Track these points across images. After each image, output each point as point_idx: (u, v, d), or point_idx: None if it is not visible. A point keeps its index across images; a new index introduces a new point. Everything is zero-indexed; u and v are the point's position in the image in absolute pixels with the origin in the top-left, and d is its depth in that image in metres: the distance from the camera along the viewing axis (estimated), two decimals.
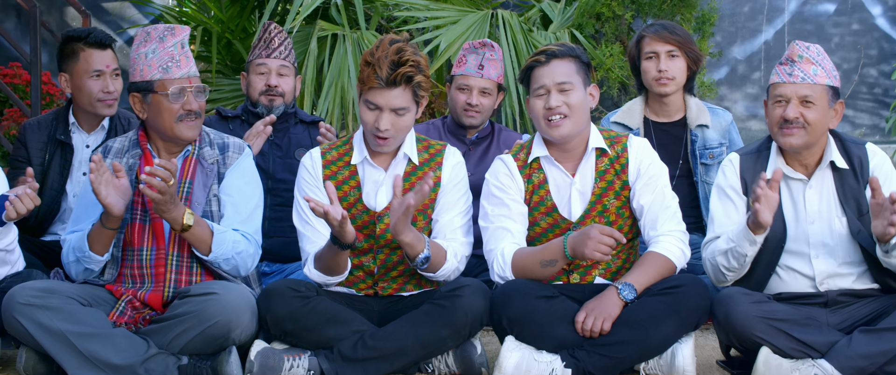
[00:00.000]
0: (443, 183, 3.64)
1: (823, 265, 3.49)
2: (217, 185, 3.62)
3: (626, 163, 3.63)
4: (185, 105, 3.52)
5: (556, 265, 3.46)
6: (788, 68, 3.48)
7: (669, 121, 4.53)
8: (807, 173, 3.55)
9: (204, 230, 3.46)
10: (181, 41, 3.56)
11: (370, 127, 3.50)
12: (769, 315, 3.34)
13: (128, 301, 3.48)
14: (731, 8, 8.16)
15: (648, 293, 3.42)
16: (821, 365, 3.28)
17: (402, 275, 3.64)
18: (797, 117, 3.43)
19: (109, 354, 3.29)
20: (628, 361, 3.37)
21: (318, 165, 3.65)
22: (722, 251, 3.47)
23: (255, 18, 7.04)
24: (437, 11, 6.63)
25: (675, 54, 4.40)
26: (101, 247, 3.50)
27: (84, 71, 4.32)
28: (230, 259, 3.51)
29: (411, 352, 3.39)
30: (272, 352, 3.38)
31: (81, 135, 4.41)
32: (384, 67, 3.42)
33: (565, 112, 3.53)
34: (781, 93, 3.47)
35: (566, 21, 6.72)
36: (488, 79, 4.52)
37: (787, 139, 3.47)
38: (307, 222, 3.59)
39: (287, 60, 4.51)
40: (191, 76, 3.56)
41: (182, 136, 3.55)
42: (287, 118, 4.55)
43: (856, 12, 8.26)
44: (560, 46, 3.62)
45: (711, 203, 3.67)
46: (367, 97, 3.49)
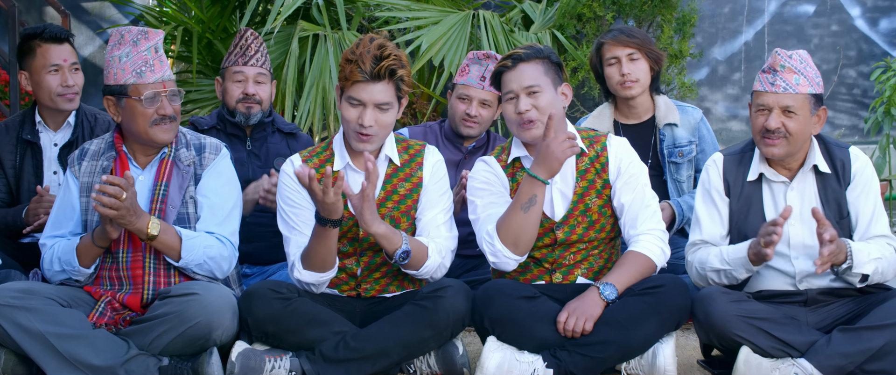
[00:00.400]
0: (424, 183, 3.63)
1: (803, 266, 3.52)
2: (194, 187, 3.60)
3: (607, 162, 3.64)
4: (159, 110, 3.50)
5: (537, 199, 3.44)
6: (771, 78, 3.49)
7: (639, 122, 4.55)
8: (790, 175, 3.57)
9: (171, 237, 3.44)
10: (155, 45, 3.53)
11: (353, 124, 3.49)
12: (749, 314, 3.36)
13: (107, 302, 3.46)
14: (712, 9, 8.20)
15: (629, 293, 3.43)
16: (800, 364, 3.30)
17: (385, 277, 3.63)
18: (779, 127, 3.45)
19: (89, 355, 3.27)
20: (610, 361, 3.38)
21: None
22: (714, 269, 3.50)
23: (235, 18, 7.02)
24: (419, 12, 6.63)
25: (635, 57, 4.42)
26: (89, 261, 3.49)
27: (41, 66, 4.29)
28: (203, 264, 3.50)
29: (393, 353, 3.39)
30: (253, 353, 3.37)
31: (48, 133, 4.37)
32: (368, 62, 3.42)
33: (534, 116, 3.53)
34: (763, 102, 3.49)
35: (547, 22, 6.73)
36: (490, 91, 4.50)
37: (769, 149, 3.49)
38: (293, 227, 3.58)
39: (264, 67, 4.47)
40: (165, 80, 3.52)
41: (157, 140, 3.54)
42: (264, 127, 4.52)
43: (835, 13, 8.31)
44: (526, 49, 3.62)
45: (696, 204, 3.68)
46: (350, 93, 3.47)
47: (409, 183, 3.62)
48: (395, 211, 3.59)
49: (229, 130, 4.45)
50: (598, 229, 3.64)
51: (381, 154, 3.61)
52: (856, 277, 3.40)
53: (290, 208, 3.58)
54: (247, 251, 4.22)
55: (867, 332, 3.29)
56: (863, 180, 3.52)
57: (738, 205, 3.59)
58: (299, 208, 3.56)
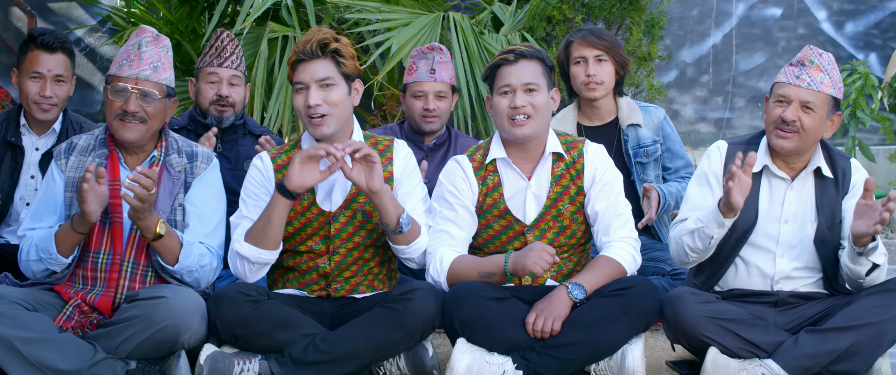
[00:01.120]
0: (396, 177, 3.65)
1: (784, 265, 3.54)
2: (183, 194, 3.59)
3: (582, 168, 3.66)
4: (123, 105, 3.49)
5: (494, 278, 3.48)
6: (797, 71, 3.51)
7: (602, 123, 4.56)
8: (792, 174, 3.59)
9: (173, 241, 3.45)
10: (139, 41, 3.55)
11: (303, 109, 3.51)
12: (717, 315, 3.38)
13: (76, 305, 3.43)
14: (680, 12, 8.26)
15: (599, 295, 3.44)
16: (768, 365, 3.32)
17: (355, 276, 3.63)
18: (795, 121, 3.46)
19: (56, 359, 3.23)
20: (579, 362, 3.39)
21: (270, 167, 3.63)
22: (689, 231, 3.50)
23: (204, 20, 6.98)
24: (389, 14, 6.62)
25: (602, 59, 4.44)
26: (67, 249, 3.46)
27: (26, 70, 4.26)
28: (193, 272, 3.51)
29: (363, 355, 3.38)
30: (222, 356, 3.35)
31: (31, 137, 4.33)
32: (301, 44, 3.52)
33: (530, 113, 3.55)
34: (785, 93, 3.50)
35: (517, 24, 6.75)
36: (442, 82, 4.52)
37: (780, 141, 3.50)
38: (245, 216, 3.59)
39: (238, 70, 4.45)
40: (139, 78, 3.51)
41: (119, 135, 3.52)
42: (236, 130, 4.50)
43: (801, 17, 8.39)
44: (528, 47, 3.64)
45: (689, 186, 3.70)
46: (295, 79, 3.53)
47: None
48: (367, 205, 3.59)
49: (200, 132, 4.43)
50: (569, 235, 3.66)
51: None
52: (867, 265, 3.40)
53: (250, 200, 3.61)
54: None
55: (834, 333, 3.32)
56: (861, 192, 3.55)
57: None
58: (258, 201, 3.59)
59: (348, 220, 3.58)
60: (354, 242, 3.60)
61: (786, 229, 3.55)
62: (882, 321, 3.31)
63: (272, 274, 3.72)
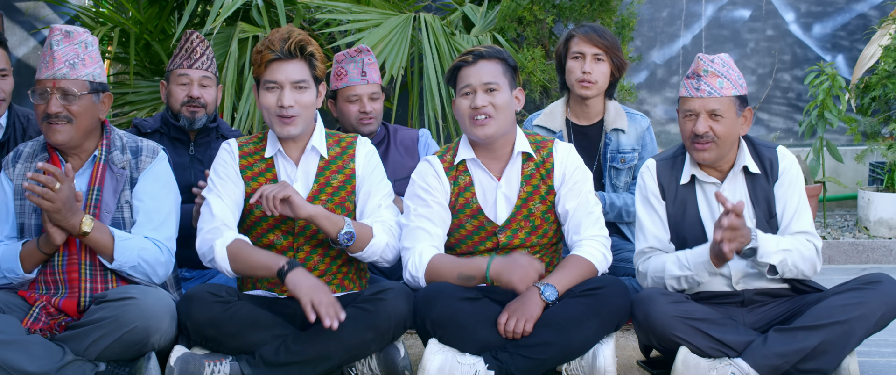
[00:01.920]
0: (358, 173, 3.65)
1: (738, 265, 3.57)
2: (129, 190, 3.55)
3: (552, 168, 3.67)
4: (46, 108, 3.43)
5: (473, 281, 3.48)
6: (695, 83, 3.55)
7: (589, 123, 4.57)
8: (720, 177, 3.63)
9: (104, 236, 3.40)
10: (50, 42, 3.47)
11: (273, 109, 3.51)
12: (687, 315, 3.40)
13: (42, 307, 3.40)
14: (650, 13, 8.30)
15: (570, 295, 3.45)
16: (737, 364, 3.35)
17: (323, 275, 3.62)
18: (707, 132, 3.50)
19: (23, 362, 3.19)
20: (551, 362, 3.40)
21: (236, 154, 3.63)
22: (674, 276, 3.53)
23: (174, 20, 6.94)
24: (360, 14, 6.62)
25: (600, 58, 4.44)
26: (31, 266, 3.44)
27: None
28: (137, 266, 3.46)
29: (334, 356, 3.37)
30: (192, 358, 3.33)
31: None
32: (277, 43, 3.50)
33: (490, 113, 3.56)
34: (690, 107, 3.54)
35: (488, 25, 6.76)
36: (374, 83, 4.51)
37: (699, 154, 3.55)
38: (217, 194, 3.58)
39: (209, 71, 4.42)
40: (56, 78, 3.44)
41: (48, 138, 3.47)
42: (209, 132, 4.47)
43: (770, 18, 8.46)
44: (487, 48, 3.65)
45: (637, 211, 3.72)
46: (266, 77, 3.52)
47: (341, 175, 3.63)
48: (329, 203, 3.59)
49: (173, 134, 4.39)
50: (541, 235, 3.67)
51: (308, 146, 3.61)
52: (764, 267, 3.46)
53: (219, 179, 3.60)
54: (185, 255, 4.16)
55: (802, 332, 3.35)
56: (788, 177, 3.59)
57: (674, 208, 3.64)
58: (226, 180, 3.59)
59: None
60: (319, 239, 3.59)
61: None
62: (849, 319, 3.34)
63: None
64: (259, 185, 3.60)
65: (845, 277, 3.69)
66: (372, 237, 3.53)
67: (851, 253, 6.64)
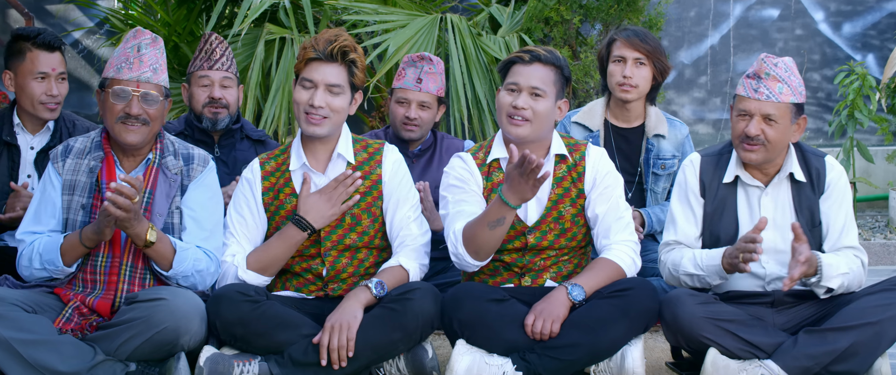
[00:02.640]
0: (385, 180, 3.65)
1: (774, 269, 3.54)
2: (180, 197, 3.58)
3: (583, 171, 3.66)
4: (126, 108, 3.47)
5: (505, 221, 3.43)
6: (754, 84, 3.50)
7: (629, 126, 4.54)
8: (765, 180, 3.59)
9: (166, 247, 3.44)
10: (139, 44, 3.53)
11: (303, 105, 3.53)
12: (716, 316, 3.38)
13: (75, 307, 3.43)
14: (678, 13, 8.26)
15: (598, 296, 3.44)
16: (767, 366, 3.32)
17: (352, 276, 3.64)
18: (758, 134, 3.46)
19: (55, 361, 3.23)
20: (579, 363, 3.39)
21: (259, 177, 3.66)
22: (687, 273, 3.52)
23: (202, 22, 6.97)
24: (386, 15, 6.62)
25: (642, 63, 4.40)
26: (72, 260, 3.46)
27: (28, 71, 4.23)
28: (189, 277, 3.50)
29: (362, 356, 3.37)
30: (222, 358, 3.35)
31: (25, 136, 4.32)
32: (322, 43, 3.52)
33: (528, 117, 3.55)
34: (745, 108, 3.50)
35: (515, 25, 6.74)
36: (427, 93, 4.49)
37: (747, 155, 3.51)
38: (233, 235, 3.63)
39: (230, 71, 4.44)
40: (140, 80, 3.50)
41: (121, 138, 3.50)
42: (233, 134, 4.49)
43: (799, 18, 8.40)
44: (548, 52, 3.62)
45: (672, 202, 3.70)
46: (304, 75, 3.54)
47: (368, 180, 3.64)
48: (355, 208, 3.60)
49: (197, 136, 4.42)
50: (570, 238, 3.65)
51: (334, 153, 3.61)
52: (821, 289, 3.43)
53: (238, 217, 3.65)
54: None
55: (833, 333, 3.32)
56: (837, 191, 3.55)
57: (713, 206, 3.60)
58: (245, 221, 3.64)
59: (337, 223, 3.59)
60: (345, 244, 3.60)
61: (767, 235, 3.54)
62: (881, 320, 3.32)
63: None
64: (280, 202, 3.63)
65: (877, 278, 3.65)
66: (408, 277, 3.56)
67: (882, 254, 6.58)
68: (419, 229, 3.65)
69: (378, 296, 3.44)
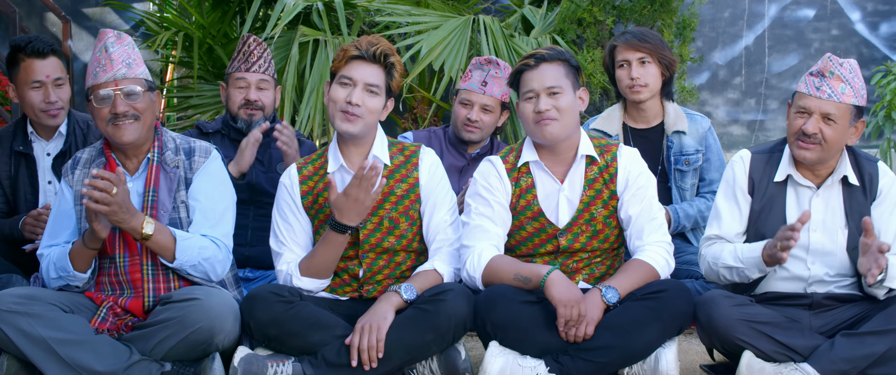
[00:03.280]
0: (422, 183, 3.66)
1: (819, 270, 3.51)
2: (184, 191, 3.60)
3: (615, 172, 3.64)
4: (111, 108, 3.48)
5: (529, 284, 3.45)
6: (817, 82, 3.47)
7: (648, 127, 4.54)
8: (817, 182, 3.56)
9: (166, 238, 3.44)
10: (105, 45, 3.52)
11: (340, 103, 3.54)
12: (752, 318, 3.35)
13: (109, 308, 3.46)
14: (712, 13, 8.21)
15: (632, 298, 3.42)
16: (803, 369, 3.29)
17: (387, 278, 3.65)
18: (816, 133, 3.43)
19: (92, 361, 3.26)
20: (612, 366, 3.37)
21: (296, 182, 3.67)
22: (726, 266, 3.50)
23: (236, 24, 7.02)
24: (419, 17, 6.63)
25: (646, 61, 4.42)
26: (83, 265, 3.48)
27: (24, 81, 4.24)
28: (197, 265, 3.50)
29: (395, 357, 3.38)
30: (256, 358, 3.37)
31: (41, 143, 4.35)
32: (364, 44, 3.55)
33: (554, 116, 3.55)
34: (805, 105, 3.47)
35: (548, 26, 6.73)
36: (491, 96, 4.52)
37: (801, 152, 3.48)
38: (284, 243, 3.64)
39: (267, 73, 4.48)
40: (117, 79, 3.49)
41: (117, 138, 3.51)
42: (267, 133, 4.52)
43: (835, 18, 8.32)
44: (549, 50, 3.64)
45: (717, 198, 3.68)
46: (343, 73, 3.56)
47: (405, 184, 3.65)
48: (393, 212, 3.61)
49: (233, 136, 4.46)
50: (602, 240, 3.64)
51: (370, 155, 3.63)
52: (883, 290, 3.39)
53: (283, 223, 3.66)
54: (249, 255, 4.22)
55: (870, 337, 3.28)
56: (890, 197, 3.51)
57: (761, 204, 3.57)
58: (291, 227, 3.65)
59: (375, 227, 3.60)
60: (383, 247, 3.61)
61: (815, 237, 3.52)
62: None
63: None
64: (320, 205, 3.64)
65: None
66: (441, 280, 3.56)
67: None
68: (455, 232, 3.66)
69: (408, 300, 3.44)
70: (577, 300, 3.31)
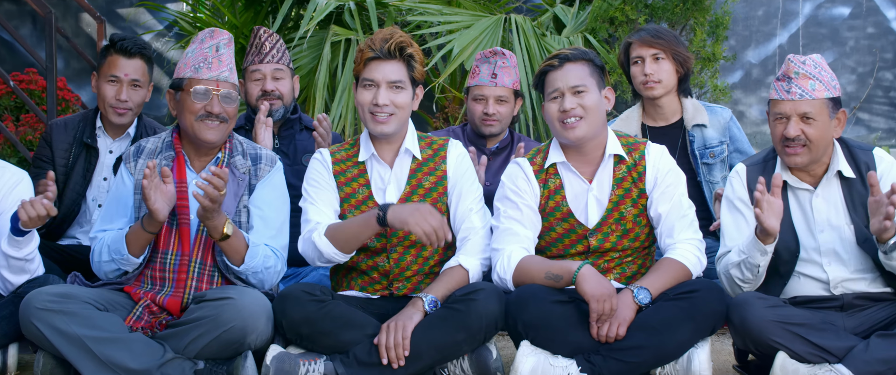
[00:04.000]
0: (449, 175, 3.68)
1: (836, 272, 3.48)
2: (247, 196, 3.64)
3: (644, 171, 3.63)
4: (207, 107, 3.54)
5: (560, 281, 3.45)
6: (786, 85, 3.47)
7: (667, 124, 4.53)
8: (813, 182, 3.54)
9: (240, 242, 3.50)
10: (217, 44, 3.60)
11: (368, 106, 3.57)
12: (785, 320, 3.32)
13: (145, 306, 3.49)
14: (745, 12, 8.15)
15: (664, 298, 3.41)
16: (838, 370, 3.26)
17: (416, 274, 3.66)
18: (798, 135, 3.42)
19: (126, 359, 3.30)
20: (644, 366, 3.36)
21: (329, 162, 3.68)
22: (734, 263, 3.47)
23: (269, 23, 7.05)
24: (450, 16, 6.64)
25: (660, 57, 4.42)
26: (138, 249, 3.52)
27: (104, 74, 4.38)
28: (259, 273, 3.55)
29: (426, 356, 3.39)
30: (288, 357, 3.38)
31: (106, 140, 4.43)
32: (378, 42, 3.56)
33: (580, 114, 3.54)
34: (780, 111, 3.47)
35: (579, 25, 6.71)
36: (503, 86, 4.53)
37: (791, 158, 3.47)
38: (313, 201, 3.65)
39: (281, 63, 4.49)
40: (219, 80, 3.57)
41: (201, 136, 3.57)
42: (292, 125, 4.54)
43: (871, 15, 8.23)
44: (573, 50, 3.64)
45: (722, 216, 3.67)
46: (364, 75, 3.58)
47: (433, 177, 3.67)
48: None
49: None
50: (632, 239, 3.63)
51: (401, 148, 3.64)
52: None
53: (313, 188, 3.67)
54: None
55: None
56: (890, 180, 3.48)
57: None
58: (321, 189, 3.66)
59: None
60: (411, 240, 3.62)
61: (823, 238, 3.49)
62: None
63: (336, 276, 3.77)
64: (352, 190, 3.65)
65: None
66: (468, 276, 3.57)
67: None
68: (481, 220, 3.67)
69: (429, 312, 3.44)
70: (610, 294, 3.30)
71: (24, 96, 6.84)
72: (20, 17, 8.49)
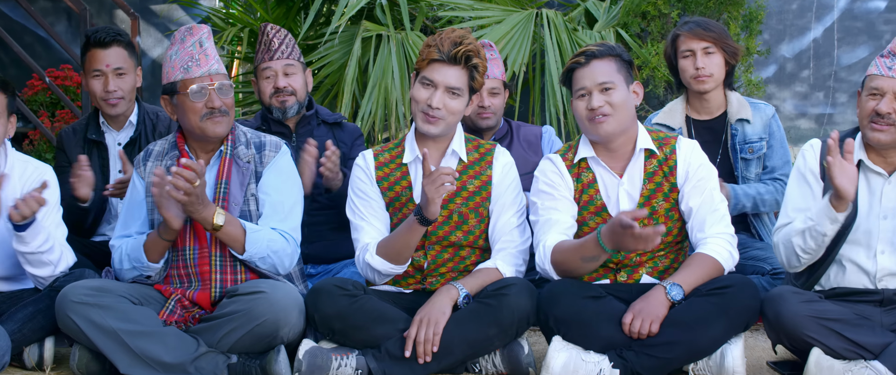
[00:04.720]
0: (495, 182, 3.66)
1: (887, 262, 3.43)
2: (255, 184, 3.64)
3: (675, 165, 3.61)
4: (208, 103, 3.54)
5: (600, 258, 3.43)
6: (889, 62, 3.41)
7: (711, 118, 4.49)
8: (889, 169, 3.48)
9: (236, 229, 3.49)
10: (199, 40, 3.58)
11: (422, 104, 3.55)
12: (820, 315, 3.29)
13: (177, 300, 3.52)
14: (779, 5, 8.08)
15: (697, 294, 3.39)
16: (874, 367, 3.23)
17: (450, 271, 3.66)
18: (889, 113, 3.36)
19: (160, 352, 3.33)
20: (677, 362, 3.35)
21: (372, 165, 3.68)
22: (799, 231, 3.40)
23: (300, 19, 7.07)
24: (482, 11, 6.62)
25: (711, 51, 4.37)
26: (157, 256, 3.55)
27: (88, 71, 4.40)
28: (266, 258, 3.54)
29: (458, 351, 3.39)
30: (320, 351, 3.40)
31: (112, 133, 4.47)
32: (446, 44, 3.52)
33: (607, 112, 3.52)
34: (877, 86, 3.40)
35: (611, 20, 6.68)
36: (493, 78, 4.50)
37: (875, 134, 3.41)
38: (363, 217, 3.65)
39: (291, 58, 4.45)
40: (212, 74, 3.56)
41: (210, 133, 3.58)
42: (309, 120, 4.51)
43: None
44: (599, 46, 3.61)
45: (788, 187, 3.61)
46: (425, 74, 3.55)
47: (478, 180, 3.65)
48: (463, 207, 3.61)
49: (273, 129, 4.44)
50: (664, 233, 3.61)
51: (448, 150, 3.63)
52: None
53: (360, 200, 3.66)
54: (309, 252, 4.23)
55: None
56: None
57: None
58: (368, 200, 3.65)
59: (444, 220, 3.60)
60: (450, 241, 3.62)
61: (885, 225, 3.44)
62: None
63: None
64: (395, 194, 3.65)
65: None
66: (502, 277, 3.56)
67: None
68: (521, 236, 3.65)
69: (461, 305, 3.45)
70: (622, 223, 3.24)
71: (60, 93, 6.91)
72: (55, 13, 8.57)
